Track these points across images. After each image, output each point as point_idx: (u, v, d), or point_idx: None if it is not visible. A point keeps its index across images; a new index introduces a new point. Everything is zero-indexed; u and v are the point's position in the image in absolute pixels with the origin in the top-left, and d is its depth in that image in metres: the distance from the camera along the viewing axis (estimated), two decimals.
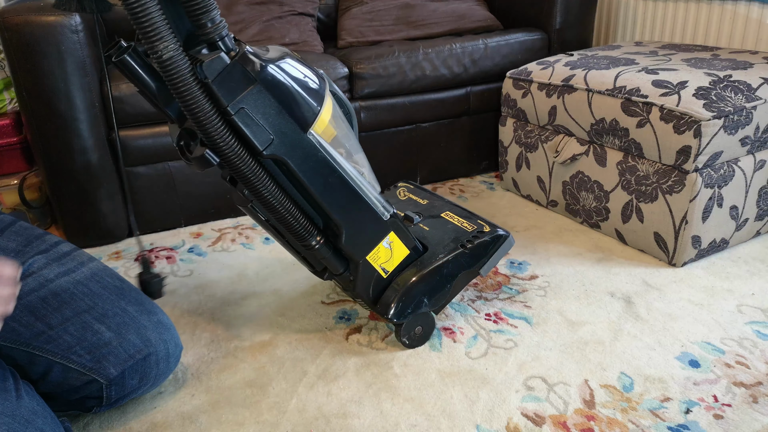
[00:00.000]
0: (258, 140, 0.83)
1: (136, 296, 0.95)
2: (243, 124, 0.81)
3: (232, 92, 0.79)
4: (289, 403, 0.95)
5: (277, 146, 0.85)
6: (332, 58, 1.64)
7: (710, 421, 0.87)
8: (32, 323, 0.85)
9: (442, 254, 1.06)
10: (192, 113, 0.76)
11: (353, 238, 0.98)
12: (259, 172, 0.85)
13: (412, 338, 1.06)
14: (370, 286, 1.04)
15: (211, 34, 0.77)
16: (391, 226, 1.02)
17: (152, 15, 0.70)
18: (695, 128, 1.18)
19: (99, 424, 0.93)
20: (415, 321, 1.05)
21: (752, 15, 1.65)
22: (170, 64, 0.72)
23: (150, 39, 0.71)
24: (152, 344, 0.90)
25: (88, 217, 1.49)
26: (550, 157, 1.56)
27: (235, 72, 0.79)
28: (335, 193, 0.93)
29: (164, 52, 0.72)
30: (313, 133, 0.88)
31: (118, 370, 0.87)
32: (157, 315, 0.94)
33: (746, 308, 1.14)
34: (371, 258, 1.02)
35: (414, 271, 1.04)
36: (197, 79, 0.76)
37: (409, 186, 1.33)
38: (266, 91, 0.82)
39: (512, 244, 1.12)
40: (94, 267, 0.95)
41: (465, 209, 1.20)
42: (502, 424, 0.89)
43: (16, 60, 1.32)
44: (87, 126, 1.41)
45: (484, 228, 1.11)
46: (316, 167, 0.90)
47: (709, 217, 1.27)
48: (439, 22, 1.86)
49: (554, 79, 1.51)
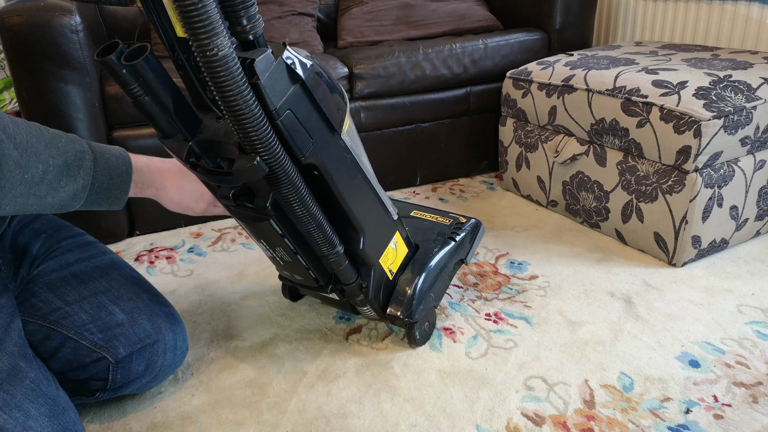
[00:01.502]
0: (300, 145, 0.77)
1: (151, 288, 0.99)
2: (289, 127, 0.75)
3: (280, 93, 0.73)
4: (289, 403, 0.95)
5: (316, 151, 0.79)
6: (332, 58, 1.64)
7: (710, 421, 0.87)
8: (51, 299, 0.89)
9: (436, 249, 1.08)
10: (238, 118, 0.67)
11: (372, 242, 0.95)
12: (297, 181, 0.77)
13: (422, 335, 1.07)
14: (380, 290, 1.03)
15: (250, 31, 0.69)
16: (396, 227, 1.02)
17: (207, 9, 0.60)
18: (695, 128, 1.18)
19: (99, 424, 0.93)
20: (424, 318, 1.06)
21: (752, 15, 1.65)
22: (221, 63, 0.62)
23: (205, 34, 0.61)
24: (162, 332, 0.93)
25: (88, 216, 1.49)
26: (550, 157, 1.56)
27: (279, 71, 0.72)
28: (360, 196, 0.89)
29: (220, 48, 0.62)
30: (343, 134, 0.84)
31: (127, 351, 0.90)
32: (168, 308, 0.98)
33: (746, 308, 1.14)
34: (382, 261, 1.01)
35: (417, 268, 1.05)
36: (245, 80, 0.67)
37: None
38: (304, 92, 0.76)
39: (484, 232, 1.21)
40: (113, 257, 1.00)
41: (429, 207, 1.24)
42: (502, 424, 0.89)
43: (16, 60, 1.32)
44: (87, 126, 1.41)
45: (460, 219, 1.17)
46: (347, 169, 0.85)
47: (709, 217, 1.27)
48: (439, 22, 1.86)
49: (554, 79, 1.51)
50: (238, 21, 0.68)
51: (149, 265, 1.43)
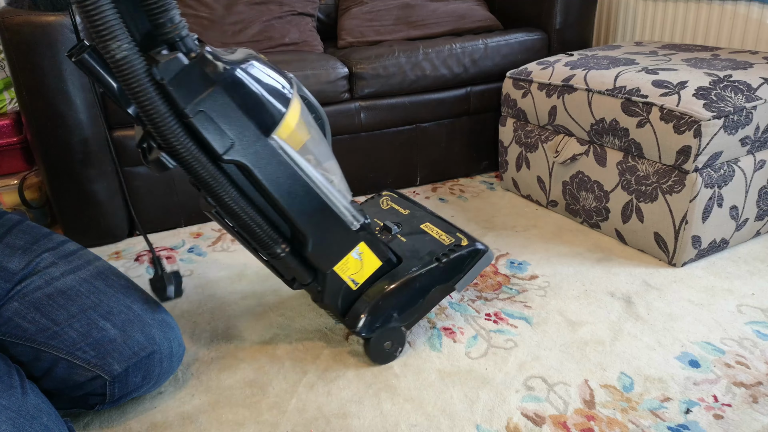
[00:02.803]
0: (217, 144, 0.81)
1: (141, 295, 0.95)
2: (201, 127, 0.79)
3: (190, 94, 0.77)
4: (289, 403, 0.95)
5: (238, 151, 0.83)
6: (332, 58, 1.64)
7: (710, 421, 0.87)
8: (38, 319, 0.86)
9: (415, 267, 1.02)
10: (147, 115, 0.74)
11: (320, 248, 0.95)
12: (219, 177, 0.82)
13: (379, 353, 1.03)
14: (338, 298, 1.01)
15: (170, 33, 0.75)
16: (361, 237, 0.98)
17: (105, 13, 0.67)
18: (695, 128, 1.18)
19: (99, 424, 0.93)
20: (384, 335, 1.01)
21: (752, 15, 1.65)
22: (124, 63, 0.70)
23: (102, 38, 0.68)
24: (156, 342, 0.91)
25: (88, 217, 1.49)
26: (550, 157, 1.56)
27: (194, 73, 0.77)
28: (300, 201, 0.91)
29: (117, 51, 0.69)
30: (275, 138, 0.85)
31: (122, 367, 0.88)
32: (161, 314, 0.95)
33: (746, 308, 1.14)
34: (339, 269, 0.99)
35: (385, 284, 1.00)
36: (153, 80, 0.73)
37: (393, 195, 1.30)
38: (226, 94, 0.80)
39: (491, 259, 1.08)
40: (99, 266, 0.95)
41: (446, 221, 1.16)
42: (502, 424, 0.89)
43: (16, 60, 1.32)
44: (87, 126, 1.41)
45: (462, 242, 1.07)
46: (279, 173, 0.87)
47: (709, 217, 1.27)
48: (439, 22, 1.86)
49: (554, 79, 1.51)
50: (161, 25, 0.74)
51: (149, 266, 1.43)
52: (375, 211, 1.25)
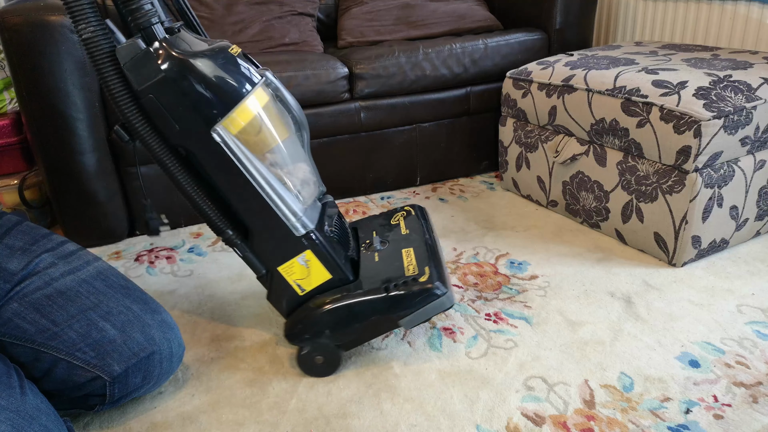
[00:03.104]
0: (163, 127, 0.89)
1: (141, 295, 0.95)
2: (150, 109, 0.87)
3: (141, 78, 0.86)
4: (289, 403, 0.95)
5: (182, 137, 0.90)
6: (332, 58, 1.64)
7: (710, 421, 0.87)
8: (37, 320, 0.86)
9: (361, 291, 0.97)
10: (107, 89, 0.85)
11: (262, 245, 0.97)
12: (169, 156, 0.90)
13: (308, 365, 1.01)
14: (283, 299, 1.01)
15: (140, 20, 0.84)
16: (307, 245, 0.97)
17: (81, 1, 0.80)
18: (695, 128, 1.18)
19: (99, 424, 0.93)
20: (314, 349, 0.99)
21: (752, 15, 1.65)
22: (89, 43, 0.82)
23: (74, 19, 0.81)
24: (156, 343, 0.91)
25: (88, 217, 1.49)
26: (550, 157, 1.56)
27: (147, 60, 0.85)
28: (242, 195, 0.94)
29: (84, 32, 0.81)
30: (219, 130, 0.89)
31: (122, 368, 0.87)
32: (161, 314, 0.95)
33: (746, 308, 1.14)
34: (284, 271, 0.99)
35: (325, 299, 0.98)
36: (115, 61, 0.84)
37: (411, 211, 1.22)
38: (173, 83, 0.86)
39: (446, 305, 0.97)
40: (99, 266, 0.95)
41: (436, 252, 1.07)
42: (502, 424, 0.89)
43: (16, 60, 1.32)
44: (87, 126, 1.41)
45: (422, 277, 0.97)
46: (221, 165, 0.91)
47: (709, 217, 1.27)
48: (439, 22, 1.86)
49: (554, 79, 1.51)
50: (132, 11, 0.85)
51: (149, 265, 1.43)
52: (379, 223, 1.20)
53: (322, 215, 1.04)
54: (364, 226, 1.21)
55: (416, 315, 0.96)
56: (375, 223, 1.21)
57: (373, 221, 1.23)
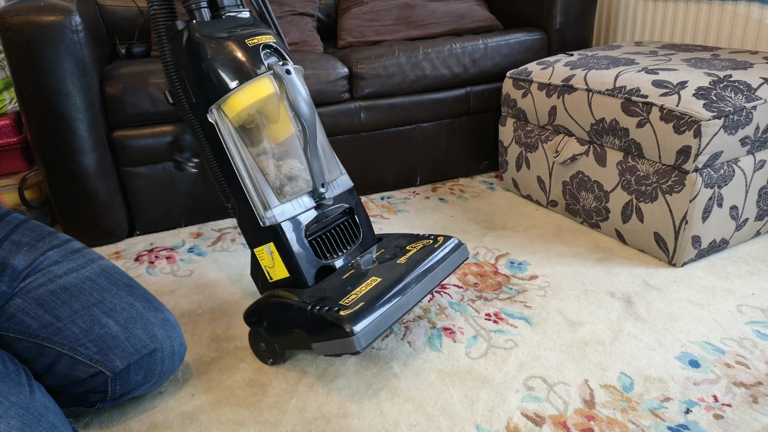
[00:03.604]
0: (187, 98, 1.02)
1: (144, 293, 0.96)
2: (181, 80, 1.01)
3: (177, 54, 1.00)
4: (289, 403, 0.95)
5: (197, 111, 1.02)
6: (332, 58, 1.64)
7: (710, 421, 0.87)
8: (41, 315, 0.87)
9: (300, 300, 0.96)
10: (161, 58, 1.03)
11: (243, 222, 1.06)
12: (194, 121, 1.03)
13: (253, 345, 1.06)
14: (258, 279, 1.10)
15: (187, 3, 1.00)
16: (270, 237, 1.02)
17: None
18: (695, 128, 1.18)
19: (99, 424, 0.93)
20: (258, 335, 1.03)
21: (752, 15, 1.65)
22: (152, 20, 1.01)
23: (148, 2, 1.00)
24: (158, 340, 0.92)
25: (88, 217, 1.49)
26: (550, 157, 1.56)
27: (179, 39, 0.99)
28: (227, 175, 1.04)
29: (152, 9, 1.00)
30: (214, 111, 0.99)
31: (124, 364, 0.88)
32: (163, 313, 0.96)
33: (746, 308, 1.14)
34: (258, 254, 1.06)
35: (277, 294, 1.00)
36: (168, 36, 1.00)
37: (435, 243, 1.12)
38: (187, 61, 0.99)
39: (347, 348, 0.88)
40: (103, 264, 0.97)
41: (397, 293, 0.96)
42: (502, 424, 0.89)
43: (16, 60, 1.32)
44: (87, 126, 1.41)
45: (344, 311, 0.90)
46: (214, 142, 1.02)
47: (709, 217, 1.27)
48: (439, 22, 1.86)
49: (554, 79, 1.51)
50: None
51: (149, 265, 1.43)
52: (397, 243, 1.14)
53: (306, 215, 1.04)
54: (386, 242, 1.16)
55: (324, 346, 0.91)
56: (396, 242, 1.15)
57: (397, 239, 1.16)
